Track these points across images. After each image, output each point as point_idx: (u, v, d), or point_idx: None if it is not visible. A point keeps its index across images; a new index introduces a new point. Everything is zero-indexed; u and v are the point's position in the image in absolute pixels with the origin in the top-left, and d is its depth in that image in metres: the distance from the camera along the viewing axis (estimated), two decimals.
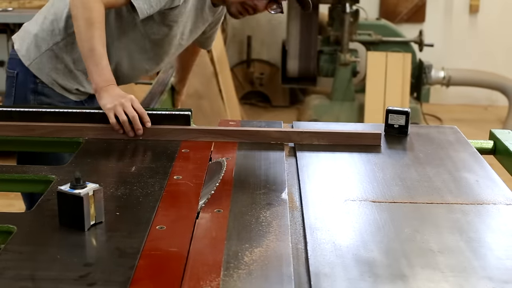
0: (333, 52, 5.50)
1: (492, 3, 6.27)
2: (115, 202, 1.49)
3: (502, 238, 1.39)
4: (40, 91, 2.09)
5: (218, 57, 5.22)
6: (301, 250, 1.33)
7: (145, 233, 1.34)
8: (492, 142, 2.08)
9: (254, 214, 1.46)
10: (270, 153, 1.86)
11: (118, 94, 1.88)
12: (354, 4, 5.33)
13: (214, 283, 1.17)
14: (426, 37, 5.47)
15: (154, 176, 1.64)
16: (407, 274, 1.23)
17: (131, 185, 1.58)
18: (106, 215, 1.39)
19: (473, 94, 6.29)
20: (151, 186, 1.58)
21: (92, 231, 1.36)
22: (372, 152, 1.87)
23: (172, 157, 1.78)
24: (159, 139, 1.90)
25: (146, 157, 1.83)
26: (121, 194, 1.54)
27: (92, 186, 1.35)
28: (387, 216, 1.48)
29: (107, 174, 1.69)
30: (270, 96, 6.27)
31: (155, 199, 1.51)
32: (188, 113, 1.96)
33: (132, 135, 1.88)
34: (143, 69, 2.21)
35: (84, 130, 1.91)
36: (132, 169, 1.69)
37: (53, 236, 1.35)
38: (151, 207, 1.47)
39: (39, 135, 1.92)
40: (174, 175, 1.65)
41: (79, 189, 1.34)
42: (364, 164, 1.80)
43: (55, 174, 1.64)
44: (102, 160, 1.79)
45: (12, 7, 4.38)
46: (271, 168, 1.75)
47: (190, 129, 1.94)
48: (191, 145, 1.87)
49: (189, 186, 1.60)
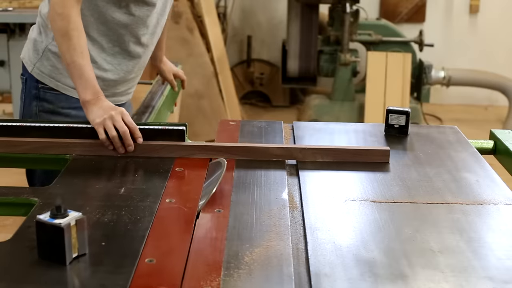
0: (333, 52, 5.50)
1: (492, 3, 6.27)
2: (101, 230, 1.36)
3: (503, 238, 1.39)
4: (42, 97, 2.07)
5: (218, 57, 5.22)
6: (302, 250, 1.33)
7: (132, 267, 1.22)
8: (492, 142, 2.08)
9: (254, 214, 1.46)
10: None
11: (107, 107, 1.79)
12: (354, 4, 5.33)
13: (214, 283, 1.17)
14: (426, 37, 5.47)
15: (145, 199, 1.51)
16: (407, 274, 1.23)
17: (119, 209, 1.45)
18: (91, 245, 1.27)
19: (473, 94, 6.29)
20: (141, 211, 1.45)
21: (74, 265, 1.23)
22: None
23: (164, 177, 1.65)
24: (151, 156, 1.77)
25: (137, 177, 1.70)
26: (108, 220, 1.41)
27: (75, 215, 1.23)
28: (387, 216, 1.48)
29: (94, 196, 1.56)
30: (270, 96, 6.27)
31: (144, 226, 1.38)
32: (182, 128, 1.83)
33: (122, 151, 1.77)
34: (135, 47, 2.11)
35: (71, 146, 1.79)
36: (121, 190, 1.56)
37: (31, 271, 1.21)
38: (140, 237, 1.33)
39: (23, 151, 1.80)
40: (166, 198, 1.53)
41: (60, 219, 1.21)
42: (364, 163, 1.80)
43: (37, 197, 1.51)
44: (89, 180, 1.65)
45: (12, 7, 4.37)
46: (271, 168, 1.75)
47: (184, 145, 1.80)
48: (186, 163, 1.74)
49: (182, 211, 1.47)
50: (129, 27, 2.01)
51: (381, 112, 4.98)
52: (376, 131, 2.07)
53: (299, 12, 5.57)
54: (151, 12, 2.03)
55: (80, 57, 1.83)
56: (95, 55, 2.01)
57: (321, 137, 2.02)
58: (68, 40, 1.84)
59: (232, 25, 6.35)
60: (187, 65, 4.70)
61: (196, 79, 5.03)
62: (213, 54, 5.14)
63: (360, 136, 2.03)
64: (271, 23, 6.38)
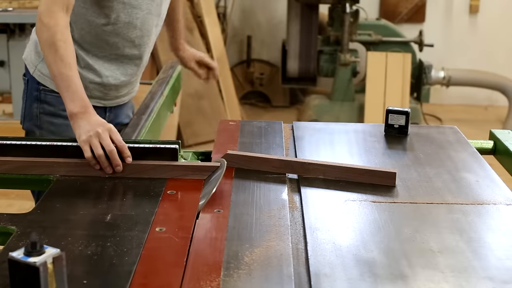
0: (333, 52, 5.50)
1: (492, 3, 6.27)
2: (83, 266, 1.24)
3: (502, 238, 1.39)
4: (43, 99, 2.06)
5: (218, 57, 5.22)
6: (301, 250, 1.33)
7: None
8: (492, 142, 2.08)
9: (254, 214, 1.46)
10: (271, 152, 1.86)
11: (95, 122, 1.70)
12: (354, 4, 5.33)
13: (214, 283, 1.17)
14: (426, 37, 5.47)
15: (133, 228, 1.38)
16: (407, 274, 1.23)
17: (105, 240, 1.33)
18: (71, 283, 1.15)
19: (473, 94, 6.29)
20: (128, 241, 1.33)
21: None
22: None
23: (155, 201, 1.52)
24: (141, 177, 1.65)
25: (125, 201, 1.58)
26: (92, 253, 1.28)
27: (52, 252, 1.10)
28: (387, 216, 1.48)
29: (78, 224, 1.43)
30: (270, 96, 6.27)
31: (131, 261, 1.25)
32: (175, 147, 1.70)
33: (110, 171, 1.65)
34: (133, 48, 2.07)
35: (55, 166, 1.67)
36: (107, 217, 1.44)
37: None
38: (126, 273, 1.21)
39: (3, 171, 1.68)
40: (156, 226, 1.40)
41: (35, 257, 1.08)
42: (364, 164, 1.80)
43: (15, 225, 1.39)
44: (73, 204, 1.53)
45: (12, 7, 4.37)
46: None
47: (177, 165, 1.68)
48: (179, 185, 1.62)
49: (173, 242, 1.34)
50: (120, 34, 1.99)
51: (381, 112, 4.98)
52: (376, 131, 2.07)
53: (299, 12, 5.57)
54: (138, 14, 1.99)
55: (68, 68, 1.76)
56: (92, 63, 2.01)
57: (321, 137, 2.02)
58: (54, 51, 1.77)
59: (232, 25, 6.35)
60: None
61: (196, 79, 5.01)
62: (213, 54, 5.15)
63: (360, 136, 2.03)
64: (271, 23, 6.38)
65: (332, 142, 2.00)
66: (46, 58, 1.82)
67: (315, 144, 1.96)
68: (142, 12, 1.99)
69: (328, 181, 1.67)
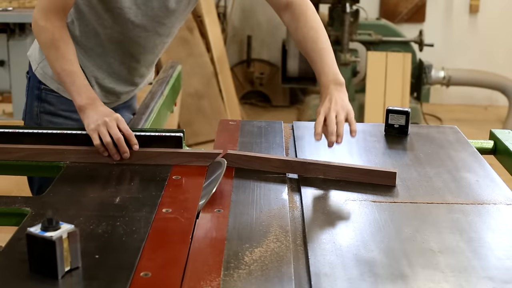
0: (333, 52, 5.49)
1: (492, 3, 6.27)
2: (95, 242, 1.32)
3: (503, 238, 1.39)
4: (44, 98, 2.06)
5: (218, 57, 5.22)
6: (301, 250, 1.33)
7: (127, 282, 1.18)
8: (492, 142, 2.08)
9: (254, 214, 1.46)
10: (271, 152, 1.86)
11: (103, 112, 1.76)
12: (354, 4, 5.33)
13: (214, 283, 1.17)
14: (426, 37, 5.46)
15: (141, 209, 1.47)
16: (407, 274, 1.23)
17: (114, 220, 1.41)
18: (84, 258, 1.23)
19: (473, 94, 6.29)
20: (137, 221, 1.41)
21: (67, 279, 1.18)
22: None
23: (161, 185, 1.60)
24: (147, 163, 1.73)
25: (133, 185, 1.66)
26: (102, 231, 1.36)
27: (67, 228, 1.19)
28: (387, 216, 1.48)
29: (88, 206, 1.51)
30: (270, 96, 6.27)
31: (140, 238, 1.34)
32: (180, 135, 1.78)
33: (117, 158, 1.73)
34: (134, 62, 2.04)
35: (66, 153, 1.75)
36: (116, 200, 1.52)
37: (21, 285, 1.18)
38: (135, 249, 1.29)
39: (17, 158, 1.77)
40: (162, 208, 1.48)
41: (51, 231, 1.17)
42: (364, 164, 1.80)
43: (29, 206, 1.48)
44: (83, 188, 1.61)
45: (12, 6, 4.37)
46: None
47: (182, 152, 1.76)
48: (183, 171, 1.70)
49: (179, 222, 1.42)
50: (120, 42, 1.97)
51: (381, 112, 4.98)
52: (376, 131, 2.07)
53: None
54: (141, 33, 1.94)
55: (70, 64, 1.80)
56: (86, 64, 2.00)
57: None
58: (55, 51, 1.81)
59: (232, 25, 6.35)
60: (187, 65, 4.71)
61: (196, 79, 5.03)
62: (213, 54, 5.15)
63: (360, 136, 2.03)
64: (271, 23, 6.38)
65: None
66: (47, 58, 1.85)
67: (315, 144, 1.95)
68: (147, 33, 1.96)
69: (328, 181, 1.67)
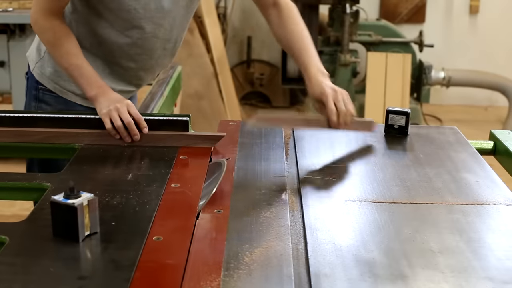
0: (333, 53, 5.49)
1: (492, 3, 6.27)
2: (110, 212, 1.44)
3: (502, 239, 1.39)
4: (41, 98, 2.06)
5: (218, 57, 5.22)
6: (301, 251, 1.33)
7: (141, 244, 1.30)
8: (492, 142, 2.08)
9: (254, 214, 1.46)
10: (271, 153, 1.86)
11: (114, 98, 1.84)
12: (354, 4, 5.33)
13: (215, 283, 1.17)
14: (426, 38, 5.47)
15: (151, 184, 1.59)
16: (407, 275, 1.23)
17: (127, 193, 1.53)
18: (101, 225, 1.35)
19: (473, 94, 6.29)
20: (148, 194, 1.53)
21: (87, 242, 1.31)
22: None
23: (169, 164, 1.73)
24: (156, 145, 1.85)
25: (143, 164, 1.77)
26: (117, 203, 1.49)
27: (87, 196, 1.31)
28: (387, 216, 1.48)
29: (103, 182, 1.64)
30: (270, 97, 6.27)
31: (152, 208, 1.46)
32: (186, 119, 1.91)
33: (128, 140, 1.83)
34: None
35: (80, 136, 1.87)
36: (128, 176, 1.65)
37: (46, 247, 1.30)
38: (147, 217, 1.42)
39: (34, 141, 1.88)
40: (171, 183, 1.61)
41: (73, 199, 1.30)
42: (364, 164, 1.81)
43: (49, 182, 1.59)
44: (97, 167, 1.73)
45: (12, 7, 4.37)
46: (271, 168, 1.75)
47: (188, 135, 1.89)
48: (189, 152, 1.82)
49: (187, 195, 1.55)
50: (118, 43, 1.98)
51: (381, 113, 4.98)
52: (376, 132, 2.07)
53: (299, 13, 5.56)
54: (139, 35, 1.95)
55: (75, 58, 1.87)
56: None
57: (321, 138, 2.02)
58: (59, 48, 1.88)
59: (232, 26, 6.35)
60: (187, 66, 4.70)
61: (196, 79, 5.03)
62: (213, 55, 5.14)
63: (360, 136, 2.03)
64: None
65: (332, 142, 1.99)
66: (53, 56, 1.91)
67: (315, 144, 1.96)
68: (145, 34, 1.96)
69: (328, 181, 1.67)
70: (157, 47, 2.02)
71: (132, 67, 2.04)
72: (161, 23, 1.96)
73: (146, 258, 1.26)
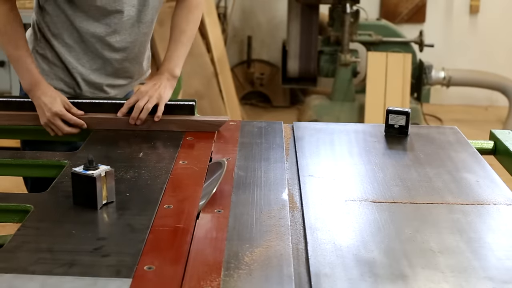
0: (334, 53, 5.49)
1: (493, 3, 6.27)
2: (125, 184, 1.59)
3: (503, 239, 1.39)
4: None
5: (218, 57, 5.22)
6: (302, 250, 1.33)
7: (153, 211, 1.45)
8: (492, 142, 2.08)
9: (254, 214, 1.46)
10: (271, 153, 1.86)
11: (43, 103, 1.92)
12: (355, 4, 5.33)
13: (215, 283, 1.17)
14: (426, 38, 5.46)
15: (161, 161, 1.75)
16: (407, 274, 1.23)
17: (140, 169, 1.69)
18: (117, 195, 1.50)
19: (474, 94, 6.29)
20: (158, 170, 1.69)
21: (104, 210, 1.46)
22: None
23: (177, 144, 1.89)
24: (163, 130, 1.99)
25: (153, 144, 1.92)
26: (130, 177, 1.64)
27: (104, 168, 1.46)
28: (387, 216, 1.48)
29: (117, 159, 1.78)
30: (271, 97, 6.27)
31: (162, 181, 1.62)
32: (192, 103, 2.06)
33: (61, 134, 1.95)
34: None
35: (95, 120, 2.00)
36: (140, 155, 1.81)
37: (67, 214, 1.45)
38: (158, 189, 1.57)
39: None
40: (180, 160, 1.76)
41: (92, 170, 1.44)
42: (365, 164, 1.80)
43: (67, 159, 1.76)
44: (110, 147, 1.88)
45: None
46: (271, 168, 1.75)
47: (194, 119, 2.02)
48: (195, 134, 1.98)
49: (194, 170, 1.70)
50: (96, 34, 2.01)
51: (381, 113, 4.98)
52: (376, 132, 2.07)
53: (299, 13, 5.56)
54: (116, 19, 2.00)
55: (15, 49, 1.93)
56: (74, 63, 2.05)
57: (321, 138, 2.02)
58: (2, 36, 1.93)
59: (232, 26, 6.35)
60: (187, 65, 4.70)
61: (196, 79, 5.03)
62: (213, 55, 5.14)
63: (360, 136, 2.03)
64: (271, 23, 6.38)
65: (332, 142, 2.00)
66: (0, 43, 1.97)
67: (315, 144, 1.96)
68: (123, 18, 2.00)
69: (328, 181, 1.67)
70: (132, 31, 2.05)
71: (116, 58, 2.08)
72: (133, 3, 2.00)
73: (158, 222, 1.40)
